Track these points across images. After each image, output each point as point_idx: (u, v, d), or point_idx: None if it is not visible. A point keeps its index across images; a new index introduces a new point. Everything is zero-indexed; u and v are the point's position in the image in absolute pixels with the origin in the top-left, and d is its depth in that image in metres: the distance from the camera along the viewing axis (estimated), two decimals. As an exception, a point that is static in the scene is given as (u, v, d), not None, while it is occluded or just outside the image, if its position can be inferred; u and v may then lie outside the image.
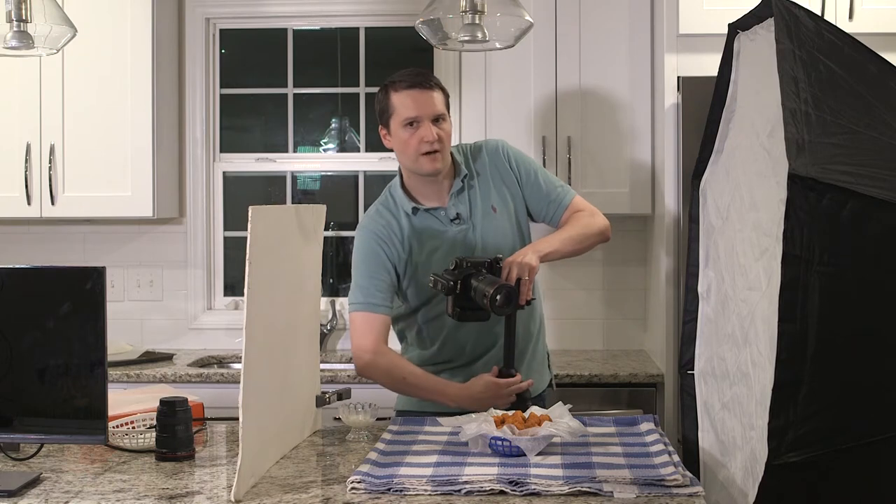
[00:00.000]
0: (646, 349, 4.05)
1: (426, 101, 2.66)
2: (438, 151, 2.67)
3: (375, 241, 2.73)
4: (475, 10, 2.44)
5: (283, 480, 2.08)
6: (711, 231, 2.80)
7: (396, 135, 2.69)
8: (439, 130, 2.67)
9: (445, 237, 2.73)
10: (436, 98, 2.68)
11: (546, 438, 2.17)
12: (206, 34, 4.25)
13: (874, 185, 2.06)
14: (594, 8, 3.83)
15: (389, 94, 2.69)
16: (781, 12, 2.27)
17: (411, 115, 2.65)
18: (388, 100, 2.69)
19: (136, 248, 4.25)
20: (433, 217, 2.75)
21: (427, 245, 2.73)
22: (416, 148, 2.66)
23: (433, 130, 2.65)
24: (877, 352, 2.08)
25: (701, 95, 3.05)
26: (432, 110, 2.66)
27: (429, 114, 2.65)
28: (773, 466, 2.03)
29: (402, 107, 2.66)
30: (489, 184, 2.79)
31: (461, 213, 2.75)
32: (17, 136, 3.92)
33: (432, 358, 2.77)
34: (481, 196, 2.78)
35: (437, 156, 2.67)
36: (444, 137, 2.69)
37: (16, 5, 2.50)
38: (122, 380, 3.57)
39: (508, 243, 2.75)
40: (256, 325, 2.01)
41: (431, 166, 2.68)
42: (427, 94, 2.66)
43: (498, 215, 2.77)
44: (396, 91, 2.67)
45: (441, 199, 2.76)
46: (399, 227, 2.74)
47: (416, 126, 2.65)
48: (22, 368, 2.13)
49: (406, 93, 2.66)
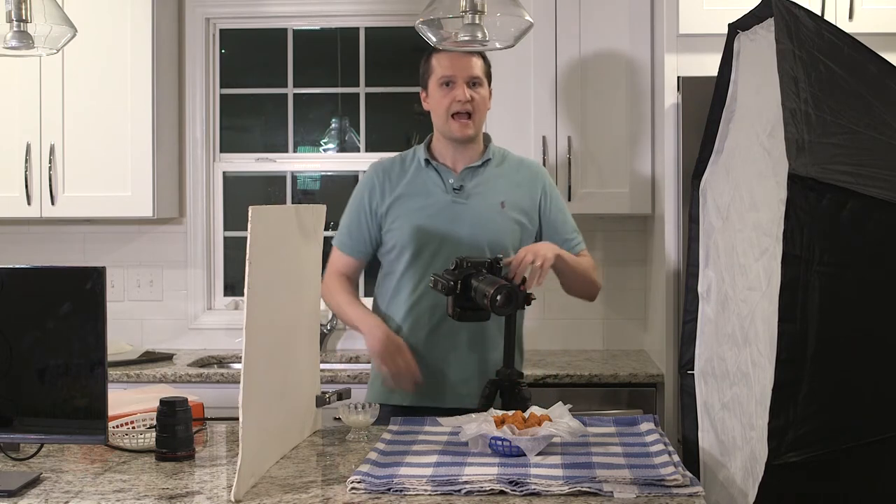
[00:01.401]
0: (646, 349, 4.05)
1: (464, 62, 2.75)
2: (470, 116, 2.72)
3: (368, 189, 2.86)
4: (475, 10, 2.44)
5: (283, 480, 2.08)
6: (711, 231, 2.80)
7: (433, 94, 2.80)
8: (473, 93, 2.75)
9: (437, 197, 2.78)
10: (474, 62, 2.78)
11: (546, 438, 2.17)
12: (206, 34, 4.25)
13: (874, 185, 2.06)
14: (594, 8, 3.83)
15: (431, 56, 2.80)
16: (781, 12, 2.27)
17: (447, 73, 2.75)
18: (430, 61, 2.80)
19: (136, 248, 4.25)
20: (439, 176, 2.81)
21: (412, 201, 2.80)
22: (447, 107, 2.75)
23: (466, 91, 2.74)
24: (877, 352, 2.08)
25: (701, 95, 3.05)
26: (469, 73, 2.76)
27: (465, 76, 2.75)
28: (773, 466, 2.03)
29: (439, 66, 2.77)
30: (511, 185, 2.82)
31: (465, 187, 2.77)
32: (17, 136, 3.92)
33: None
34: (494, 187, 2.80)
35: (468, 122, 2.76)
36: (478, 102, 2.77)
37: (16, 5, 2.50)
38: (122, 380, 3.57)
39: (499, 238, 2.77)
40: (256, 325, 2.01)
41: (461, 132, 2.75)
42: (466, 58, 2.76)
43: (504, 212, 2.79)
44: (437, 53, 2.76)
45: (456, 168, 2.83)
46: (401, 171, 2.84)
47: (451, 86, 2.75)
48: (22, 368, 2.13)
49: (446, 54, 2.75)
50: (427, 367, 2.77)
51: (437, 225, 2.78)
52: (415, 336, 2.80)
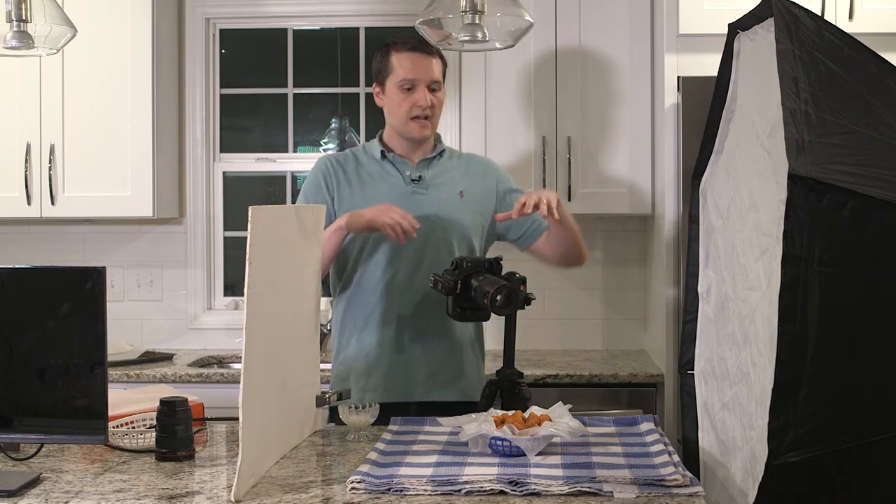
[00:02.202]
0: (646, 349, 4.05)
1: (426, 66, 2.73)
2: (429, 118, 2.73)
3: (323, 175, 2.81)
4: (475, 10, 2.44)
5: (283, 480, 2.08)
6: (711, 231, 2.80)
7: (390, 95, 2.77)
8: (433, 98, 2.75)
9: (398, 189, 2.78)
10: (434, 65, 2.76)
11: (546, 438, 2.17)
12: (206, 34, 4.25)
13: (874, 185, 2.06)
14: (594, 8, 3.83)
15: (390, 53, 2.76)
16: (781, 12, 2.27)
17: (409, 76, 2.72)
18: (388, 59, 2.76)
19: (136, 248, 4.25)
20: (396, 169, 2.81)
21: (372, 190, 2.77)
22: (407, 111, 2.74)
23: (427, 97, 2.73)
24: (877, 352, 2.08)
25: (701, 95, 3.05)
26: (429, 76, 2.74)
27: (426, 79, 2.73)
28: (773, 466, 2.03)
29: (400, 68, 2.73)
30: (466, 177, 2.85)
31: (423, 178, 2.80)
32: (17, 136, 3.92)
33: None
34: (451, 178, 2.83)
35: (427, 123, 2.76)
36: (436, 105, 2.78)
37: (16, 5, 2.50)
38: (122, 380, 3.57)
39: (462, 227, 2.79)
40: (256, 325, 2.01)
41: (420, 132, 2.77)
42: (427, 60, 2.74)
43: (463, 201, 2.80)
44: (398, 52, 2.74)
45: (412, 160, 2.84)
46: (356, 163, 2.82)
47: (411, 90, 2.72)
48: (22, 368, 2.13)
49: (407, 55, 2.73)
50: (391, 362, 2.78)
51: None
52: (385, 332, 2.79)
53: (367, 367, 2.79)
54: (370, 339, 2.79)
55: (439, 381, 2.79)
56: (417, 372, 2.79)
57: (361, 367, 2.79)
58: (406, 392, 2.78)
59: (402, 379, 2.78)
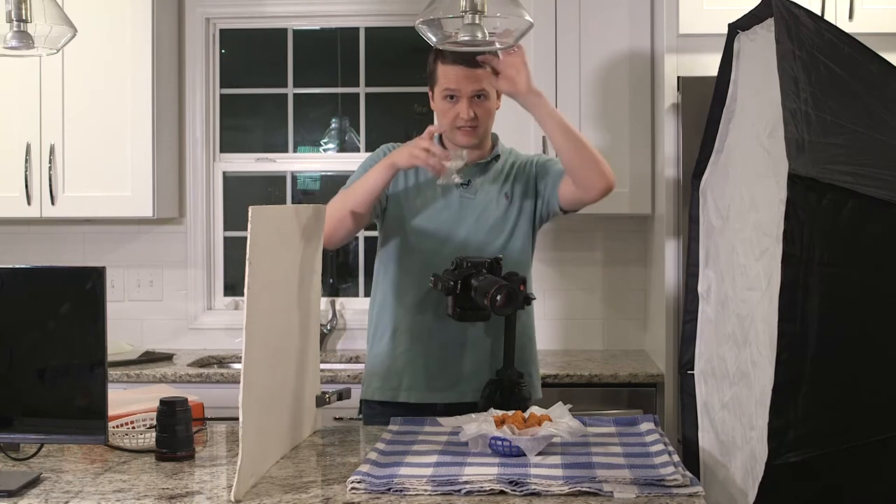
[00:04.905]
0: (646, 349, 4.05)
1: (469, 77, 2.71)
2: (475, 127, 2.75)
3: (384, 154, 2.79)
4: (475, 10, 2.44)
5: (283, 480, 2.08)
6: (711, 231, 2.80)
7: (438, 102, 2.79)
8: (477, 108, 2.73)
9: (445, 192, 2.79)
10: (480, 75, 2.72)
11: (546, 438, 2.17)
12: (206, 34, 4.25)
13: (874, 185, 2.06)
14: (594, 8, 3.83)
15: (437, 61, 2.76)
16: (781, 12, 2.27)
17: (451, 87, 2.73)
18: (435, 68, 2.77)
19: (136, 248, 4.26)
20: None
21: (423, 188, 2.79)
22: (451, 121, 2.75)
23: (468, 110, 2.71)
24: (877, 351, 2.08)
25: (701, 95, 3.05)
26: (472, 87, 2.72)
27: (468, 91, 2.72)
28: (773, 466, 2.03)
29: (443, 78, 2.74)
30: (511, 178, 2.85)
31: (473, 182, 2.81)
32: (17, 136, 3.92)
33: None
34: (499, 182, 2.82)
35: (472, 131, 2.76)
36: (481, 115, 2.75)
37: (16, 5, 2.50)
38: (122, 380, 3.57)
39: (501, 230, 2.77)
40: (256, 325, 2.01)
41: (465, 140, 2.77)
42: (469, 72, 2.71)
43: (510, 205, 2.80)
44: (443, 62, 2.74)
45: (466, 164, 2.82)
46: None
47: (454, 100, 2.73)
48: (22, 368, 2.13)
49: (450, 67, 2.73)
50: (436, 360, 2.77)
51: (446, 219, 2.78)
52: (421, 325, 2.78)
53: (408, 363, 2.77)
54: (404, 339, 2.78)
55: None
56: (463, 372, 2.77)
57: (399, 365, 2.78)
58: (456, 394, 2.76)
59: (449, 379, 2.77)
